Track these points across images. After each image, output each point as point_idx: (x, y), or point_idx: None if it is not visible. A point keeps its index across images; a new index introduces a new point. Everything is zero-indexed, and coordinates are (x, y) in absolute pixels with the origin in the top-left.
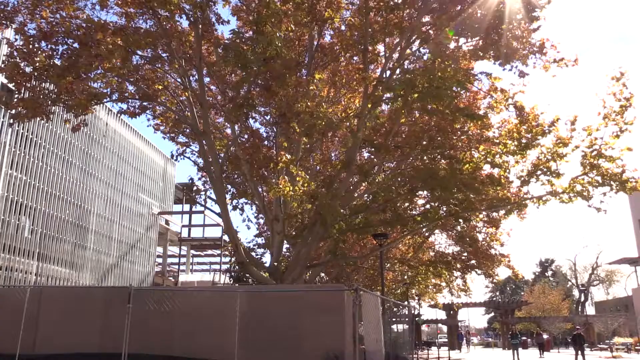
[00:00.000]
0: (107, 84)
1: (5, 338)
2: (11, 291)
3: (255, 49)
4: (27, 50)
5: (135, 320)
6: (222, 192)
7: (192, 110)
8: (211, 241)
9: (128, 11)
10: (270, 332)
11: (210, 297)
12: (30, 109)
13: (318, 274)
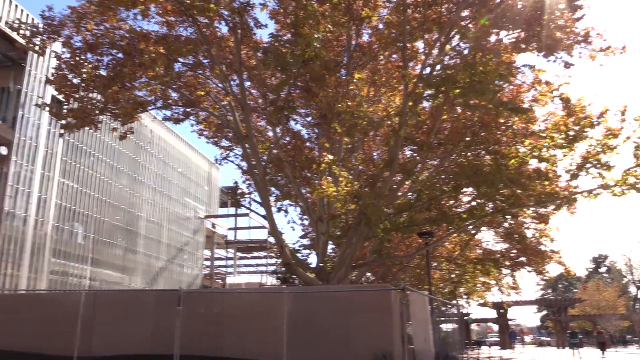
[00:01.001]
0: (151, 91)
1: (63, 340)
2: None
3: (294, 51)
4: (74, 62)
5: (185, 322)
6: (266, 194)
7: (234, 114)
8: (257, 243)
9: (169, 20)
10: (318, 332)
11: (258, 299)
12: (79, 119)
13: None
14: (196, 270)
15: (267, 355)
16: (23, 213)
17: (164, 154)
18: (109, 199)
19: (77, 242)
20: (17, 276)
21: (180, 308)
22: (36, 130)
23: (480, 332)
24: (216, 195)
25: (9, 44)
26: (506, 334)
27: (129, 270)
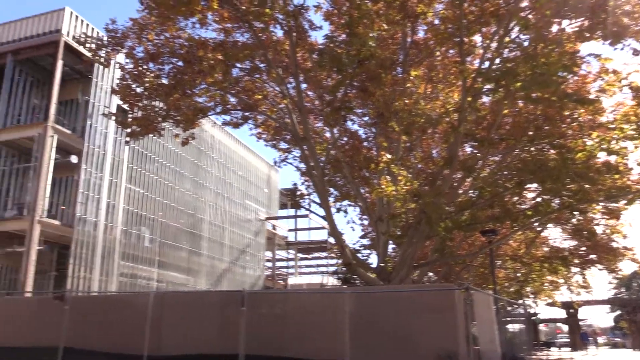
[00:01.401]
0: (211, 97)
1: (133, 340)
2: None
3: (349, 52)
4: (137, 72)
5: (249, 322)
6: (325, 195)
7: (292, 116)
8: (317, 244)
9: (225, 27)
10: (381, 332)
11: (320, 299)
12: (143, 126)
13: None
14: (258, 271)
15: (329, 355)
16: (94, 218)
17: (225, 158)
18: (173, 203)
19: (144, 246)
20: (89, 279)
21: (244, 309)
22: (104, 138)
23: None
24: (276, 197)
25: (76, 57)
26: (577, 334)
27: (193, 272)
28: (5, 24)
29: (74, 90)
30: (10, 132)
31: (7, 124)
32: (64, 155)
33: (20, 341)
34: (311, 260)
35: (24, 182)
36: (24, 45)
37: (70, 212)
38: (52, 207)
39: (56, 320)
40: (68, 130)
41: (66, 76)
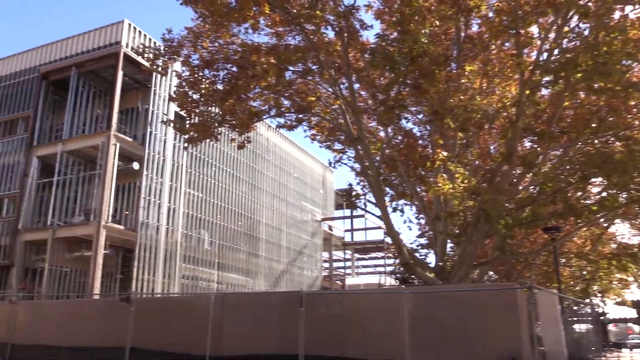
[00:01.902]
0: (265, 101)
1: (195, 340)
2: (198, 298)
3: (401, 50)
4: (193, 79)
5: (308, 322)
6: (381, 195)
7: (345, 117)
8: (374, 244)
9: (277, 30)
10: (440, 333)
11: (378, 299)
12: (201, 132)
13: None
14: (315, 272)
15: (389, 355)
16: (155, 222)
17: (280, 160)
18: (230, 206)
19: (204, 248)
20: (152, 281)
21: (302, 309)
22: (163, 145)
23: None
24: (331, 198)
25: (135, 67)
26: None
27: (252, 273)
28: (67, 38)
29: (134, 99)
30: (76, 142)
31: (73, 134)
32: (126, 162)
33: (89, 341)
34: (368, 260)
35: (89, 189)
36: (86, 58)
37: (134, 216)
38: (116, 212)
39: (122, 321)
40: (129, 138)
41: (126, 86)
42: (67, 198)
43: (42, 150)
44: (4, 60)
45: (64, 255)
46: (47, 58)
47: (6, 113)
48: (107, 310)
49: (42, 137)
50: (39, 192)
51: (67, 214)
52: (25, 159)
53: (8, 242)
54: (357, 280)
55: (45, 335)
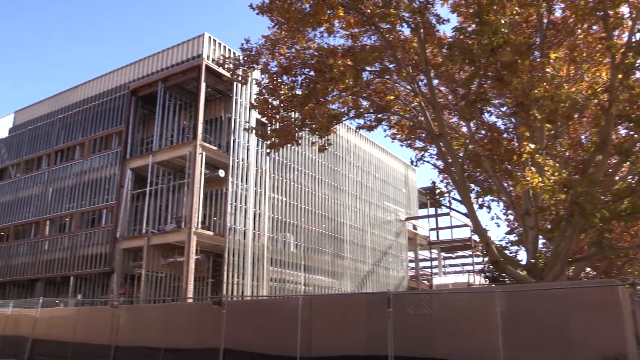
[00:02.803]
0: (344, 103)
1: (285, 341)
2: (286, 300)
3: (480, 42)
4: (273, 86)
5: (395, 323)
6: (466, 191)
7: (425, 114)
8: (460, 242)
9: (352, 32)
10: (536, 332)
11: (467, 299)
12: (282, 137)
13: (583, 268)
14: (402, 272)
15: (480, 356)
16: (242, 227)
17: (361, 161)
18: (314, 208)
19: (290, 251)
20: (242, 284)
21: (390, 310)
22: (246, 151)
23: None
24: (415, 197)
25: (217, 78)
26: None
27: (338, 274)
28: (153, 55)
29: (217, 109)
30: (165, 153)
31: (162, 145)
32: (213, 170)
33: (185, 343)
34: (455, 259)
35: (179, 198)
36: (171, 72)
37: (222, 222)
38: (205, 218)
39: (215, 323)
40: (214, 146)
41: (210, 97)
42: (160, 207)
43: (135, 163)
44: (97, 80)
45: (158, 261)
46: (135, 75)
47: (101, 129)
48: (201, 313)
49: (134, 149)
50: (134, 202)
51: (160, 221)
52: (120, 171)
53: (108, 250)
54: (445, 280)
55: (145, 337)
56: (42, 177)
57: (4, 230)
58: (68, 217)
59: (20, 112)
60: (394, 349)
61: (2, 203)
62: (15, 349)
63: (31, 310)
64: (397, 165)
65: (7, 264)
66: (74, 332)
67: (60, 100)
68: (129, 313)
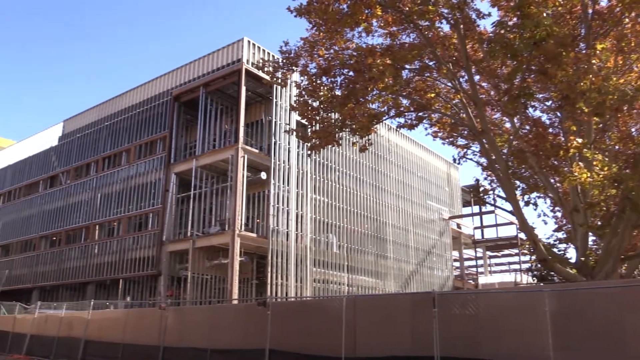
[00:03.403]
0: (384, 102)
1: (330, 342)
2: (329, 301)
3: (522, 35)
4: (312, 87)
5: (441, 323)
6: (511, 188)
7: (467, 111)
8: (506, 240)
9: (391, 30)
10: (587, 333)
11: (515, 298)
12: (323, 138)
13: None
14: (446, 272)
15: (529, 356)
16: (285, 229)
17: (402, 160)
18: (356, 209)
19: (333, 252)
20: (286, 285)
21: (435, 310)
22: (287, 153)
23: None
24: (458, 195)
25: (257, 81)
26: None
27: (381, 275)
28: (194, 61)
29: (258, 112)
30: (207, 157)
31: (204, 150)
32: (255, 173)
33: (231, 343)
34: (501, 257)
35: (223, 201)
36: (212, 77)
37: (264, 224)
38: (248, 221)
39: (260, 324)
40: (256, 149)
41: (250, 100)
42: (204, 210)
43: (179, 167)
44: (142, 87)
45: (204, 263)
46: (177, 81)
47: (146, 135)
48: (246, 314)
49: (178, 154)
50: (179, 205)
51: (204, 224)
52: (165, 175)
53: (155, 253)
54: (491, 279)
55: (192, 338)
56: (90, 183)
57: (56, 235)
58: (116, 221)
59: (68, 120)
60: (440, 349)
61: (54, 209)
62: (68, 349)
63: (83, 313)
64: (440, 164)
65: (60, 268)
66: (124, 333)
67: (106, 108)
68: (176, 314)
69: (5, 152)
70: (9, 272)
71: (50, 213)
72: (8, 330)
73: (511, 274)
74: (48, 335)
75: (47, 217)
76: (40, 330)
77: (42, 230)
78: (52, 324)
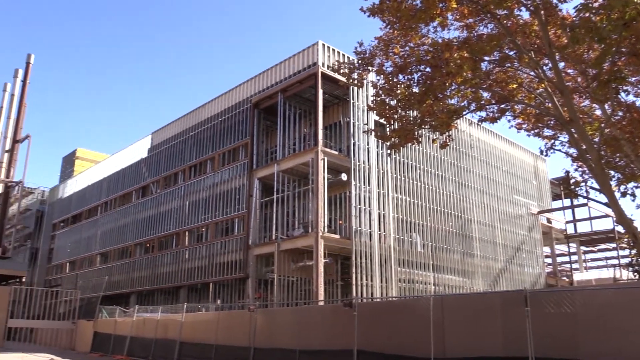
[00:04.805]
0: (463, 97)
1: (417, 343)
2: (416, 301)
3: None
4: (389, 86)
5: (534, 323)
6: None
7: (553, 100)
8: (602, 234)
9: (467, 23)
10: None
11: (616, 295)
12: (402, 137)
13: None
14: (537, 269)
15: (632, 356)
16: (368, 229)
17: (486, 154)
18: (439, 206)
19: (418, 251)
20: (371, 286)
21: (528, 309)
22: (367, 154)
23: None
24: (547, 189)
25: (333, 84)
26: None
27: (468, 273)
28: (271, 67)
29: (335, 114)
30: (288, 161)
31: (285, 154)
32: (335, 175)
33: (319, 344)
34: (597, 253)
35: (305, 203)
36: (289, 82)
37: (347, 225)
38: (331, 222)
39: (347, 325)
40: (335, 151)
41: (327, 103)
42: (287, 213)
43: (261, 172)
44: (222, 97)
45: (289, 265)
46: (256, 88)
47: (229, 143)
48: (332, 315)
49: (260, 160)
50: (263, 209)
51: (288, 227)
52: (248, 181)
53: (242, 257)
54: (587, 276)
55: (281, 339)
56: (179, 192)
57: (149, 242)
58: (204, 227)
59: (156, 133)
60: (534, 350)
61: (147, 217)
62: (165, 350)
63: (177, 315)
64: (525, 157)
65: (154, 273)
66: (216, 335)
67: (190, 118)
68: (265, 316)
69: (101, 165)
70: (109, 278)
71: (143, 221)
72: (110, 332)
73: (609, 269)
74: (146, 337)
75: (140, 225)
76: (139, 332)
77: (136, 237)
78: (149, 326)
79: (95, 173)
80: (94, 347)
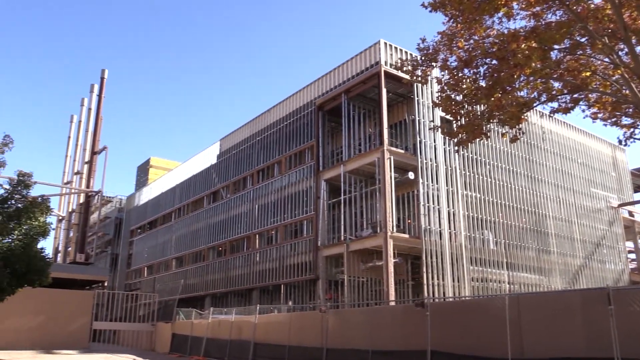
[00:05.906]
0: (533, 88)
1: (493, 343)
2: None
3: None
4: (454, 81)
5: (619, 322)
6: None
7: (631, 86)
8: None
9: (534, 11)
10: None
11: None
12: (470, 132)
13: None
14: (620, 265)
15: None
16: (437, 228)
17: (559, 147)
18: (511, 202)
19: (490, 248)
20: (442, 285)
21: (611, 307)
22: (434, 151)
23: None
24: (627, 180)
25: (396, 82)
26: None
27: (545, 271)
28: (334, 69)
29: (400, 113)
30: (354, 162)
31: (351, 155)
32: (402, 173)
33: (391, 345)
34: None
35: (372, 203)
36: (352, 83)
37: (416, 224)
38: (399, 222)
39: (419, 325)
40: (401, 149)
41: (391, 101)
42: (354, 213)
43: (328, 174)
44: (287, 101)
45: (358, 266)
46: (320, 91)
47: (295, 146)
48: (404, 315)
49: (326, 161)
50: (330, 211)
51: (357, 228)
52: (315, 183)
53: (312, 258)
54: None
55: (352, 340)
56: (248, 196)
57: (221, 246)
58: (274, 230)
59: (224, 139)
60: (620, 350)
61: (218, 222)
62: (240, 351)
63: (250, 317)
64: (602, 147)
65: (227, 276)
66: (289, 336)
67: (257, 124)
68: (336, 317)
69: (173, 173)
70: (184, 281)
71: (215, 225)
72: (187, 334)
73: None
74: (221, 338)
75: (212, 230)
76: (214, 333)
77: (209, 242)
78: (224, 328)
79: (168, 180)
80: (172, 348)
